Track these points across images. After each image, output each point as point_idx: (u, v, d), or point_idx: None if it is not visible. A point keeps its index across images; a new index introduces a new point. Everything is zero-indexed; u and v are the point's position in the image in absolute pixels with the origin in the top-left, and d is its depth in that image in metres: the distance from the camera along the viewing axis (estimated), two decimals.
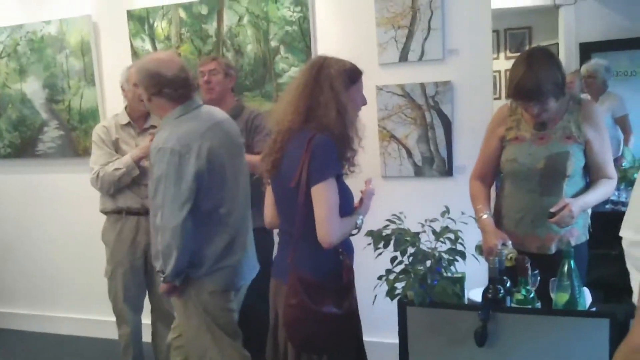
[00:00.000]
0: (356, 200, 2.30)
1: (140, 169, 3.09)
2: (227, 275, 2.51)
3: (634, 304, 1.34)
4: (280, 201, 2.24)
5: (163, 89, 2.40)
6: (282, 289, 2.16)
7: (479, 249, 2.36)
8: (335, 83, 2.09)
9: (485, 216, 2.41)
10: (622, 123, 4.51)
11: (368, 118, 3.30)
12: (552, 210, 2.21)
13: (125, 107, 3.26)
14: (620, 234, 1.48)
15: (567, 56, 5.44)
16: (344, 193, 2.14)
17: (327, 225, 2.03)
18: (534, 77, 2.22)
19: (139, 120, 3.23)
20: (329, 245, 2.05)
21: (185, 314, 2.55)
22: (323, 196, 2.03)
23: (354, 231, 2.20)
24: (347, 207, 2.18)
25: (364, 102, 2.27)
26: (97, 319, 4.16)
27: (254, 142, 3.07)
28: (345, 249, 2.20)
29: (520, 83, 2.25)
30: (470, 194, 2.56)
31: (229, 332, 2.56)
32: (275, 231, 2.39)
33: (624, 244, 1.48)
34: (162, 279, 2.42)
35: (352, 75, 2.17)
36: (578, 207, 2.22)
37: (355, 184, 2.31)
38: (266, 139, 2.48)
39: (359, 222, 2.21)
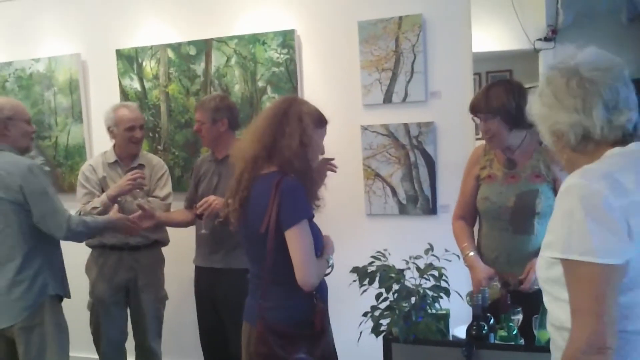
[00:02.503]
0: None
1: (121, 205, 3.10)
2: None
3: None
4: (248, 245, 2.18)
5: None
6: (253, 333, 2.11)
7: (469, 295, 2.35)
8: (304, 118, 2.10)
9: (471, 254, 2.45)
10: None
11: (353, 157, 3.38)
12: (520, 277, 2.30)
13: (114, 146, 3.30)
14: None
15: None
16: (315, 233, 2.10)
17: (305, 269, 1.99)
18: (485, 93, 2.43)
19: (126, 159, 3.27)
20: (309, 287, 2.01)
21: None
22: (298, 240, 1.99)
23: (328, 270, 2.18)
24: (318, 247, 2.14)
25: (322, 152, 2.26)
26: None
27: None
28: (318, 290, 2.13)
29: (473, 98, 2.48)
30: (453, 233, 2.60)
31: None
32: None
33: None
34: None
35: (320, 118, 2.19)
36: None
37: (337, 222, 2.34)
38: None
39: (330, 261, 2.18)
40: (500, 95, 2.36)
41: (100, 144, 3.82)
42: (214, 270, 3.03)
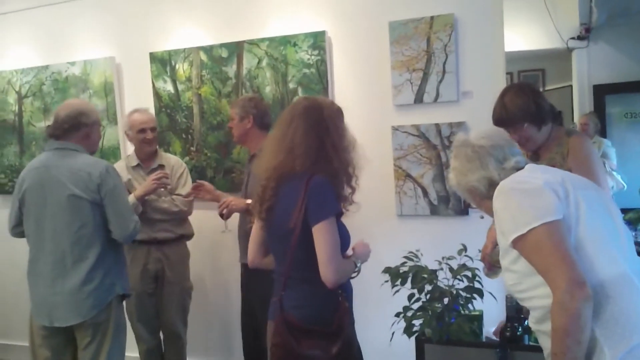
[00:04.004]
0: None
1: (148, 204, 3.29)
2: (32, 303, 2.76)
3: None
4: (276, 244, 2.18)
5: None
6: (271, 327, 2.13)
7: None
8: (338, 123, 2.11)
9: (494, 225, 2.47)
10: None
11: (384, 157, 3.38)
12: None
13: (135, 149, 3.49)
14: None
15: (581, 98, 5.47)
16: (342, 233, 2.09)
17: (329, 265, 1.96)
18: (502, 105, 2.43)
19: (146, 161, 3.47)
20: (332, 284, 1.98)
21: None
22: (324, 236, 1.98)
23: (354, 274, 2.13)
24: (345, 246, 2.12)
25: None
26: None
27: None
28: (344, 289, 2.11)
29: (493, 113, 2.47)
30: None
31: None
32: None
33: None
34: None
35: (342, 112, 2.19)
36: None
37: (367, 223, 2.34)
38: None
39: (358, 264, 2.14)
40: (515, 101, 2.40)
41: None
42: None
